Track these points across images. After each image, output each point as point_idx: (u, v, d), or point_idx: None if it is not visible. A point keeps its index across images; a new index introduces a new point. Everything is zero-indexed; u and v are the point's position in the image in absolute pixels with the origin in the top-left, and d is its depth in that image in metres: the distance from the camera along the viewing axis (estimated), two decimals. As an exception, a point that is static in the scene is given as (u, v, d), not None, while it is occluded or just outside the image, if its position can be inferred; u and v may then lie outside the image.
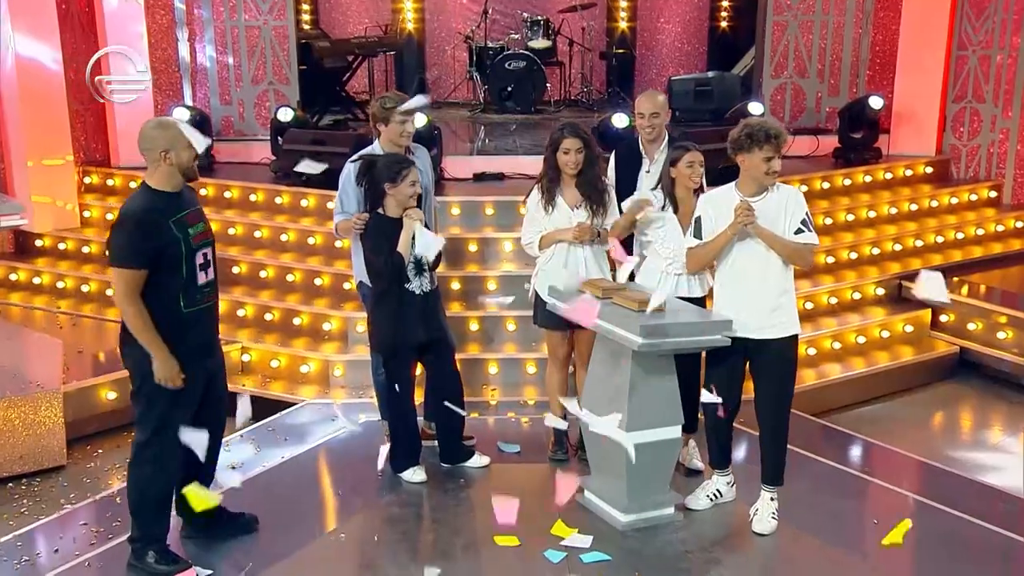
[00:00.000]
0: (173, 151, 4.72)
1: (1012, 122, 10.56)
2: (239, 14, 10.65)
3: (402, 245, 5.63)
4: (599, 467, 5.48)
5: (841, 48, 11.04)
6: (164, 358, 4.66)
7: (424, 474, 5.88)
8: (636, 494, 5.25)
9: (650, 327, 4.88)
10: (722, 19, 14.23)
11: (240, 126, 10.86)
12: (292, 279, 8.55)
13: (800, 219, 5.12)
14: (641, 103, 6.12)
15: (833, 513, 5.55)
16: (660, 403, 5.18)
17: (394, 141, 6.04)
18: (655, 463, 5.24)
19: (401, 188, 5.62)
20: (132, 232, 4.60)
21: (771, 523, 5.29)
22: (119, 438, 7.28)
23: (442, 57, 14.68)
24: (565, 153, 5.83)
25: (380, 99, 6.05)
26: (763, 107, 10.12)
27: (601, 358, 5.36)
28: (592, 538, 5.17)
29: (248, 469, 6.24)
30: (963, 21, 10.56)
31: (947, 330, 8.54)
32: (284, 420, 7.08)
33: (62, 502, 6.27)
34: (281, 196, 9.31)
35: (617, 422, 5.00)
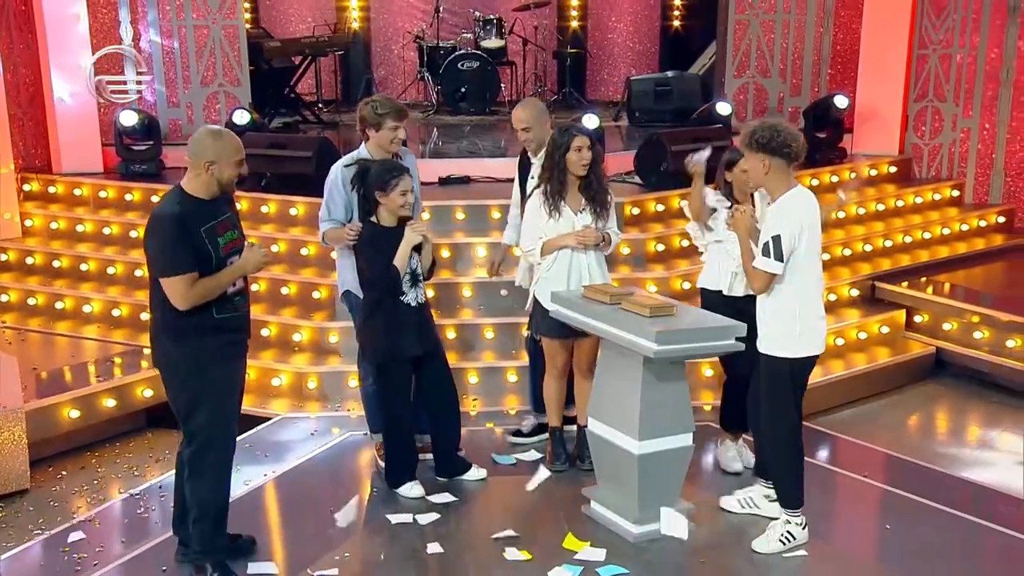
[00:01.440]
0: (218, 164, 4.72)
1: (972, 121, 10.80)
2: (186, 13, 10.44)
3: (400, 259, 5.55)
4: (606, 477, 5.45)
5: (802, 47, 11.19)
6: (241, 264, 4.79)
7: (421, 488, 5.80)
8: (647, 505, 5.23)
9: (665, 333, 4.87)
10: (675, 18, 14.34)
11: (189, 129, 10.61)
12: (256, 288, 8.37)
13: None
14: (513, 115, 6.31)
15: (848, 521, 5.59)
16: (671, 410, 5.18)
17: (383, 147, 5.96)
18: (666, 472, 5.23)
19: (392, 197, 5.55)
20: (167, 238, 4.62)
21: (775, 545, 5.21)
22: (81, 459, 7.11)
23: (389, 56, 14.58)
24: (578, 150, 5.77)
25: (371, 103, 5.95)
26: (730, 107, 10.21)
27: (609, 365, 5.33)
28: (606, 551, 5.14)
29: (233, 488, 6.07)
30: (923, 20, 10.78)
31: (922, 331, 8.68)
32: (261, 436, 6.95)
33: (31, 528, 6.07)
34: (240, 202, 9.07)
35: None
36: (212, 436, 4.88)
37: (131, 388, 7.43)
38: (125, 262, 8.93)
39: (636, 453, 5.10)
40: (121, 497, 6.14)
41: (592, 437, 5.46)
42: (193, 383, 4.81)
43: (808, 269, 5.07)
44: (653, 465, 5.15)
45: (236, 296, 4.89)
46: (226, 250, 4.78)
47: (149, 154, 9.94)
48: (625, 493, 5.27)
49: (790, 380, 5.13)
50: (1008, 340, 8.15)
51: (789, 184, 5.08)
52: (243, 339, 5.07)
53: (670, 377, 5.14)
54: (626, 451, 5.16)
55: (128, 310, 8.54)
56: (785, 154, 5.01)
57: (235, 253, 4.83)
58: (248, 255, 4.80)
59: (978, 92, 10.75)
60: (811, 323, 5.11)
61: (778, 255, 4.90)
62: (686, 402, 5.22)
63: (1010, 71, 10.61)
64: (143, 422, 7.63)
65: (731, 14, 11.03)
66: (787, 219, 4.99)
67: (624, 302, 5.22)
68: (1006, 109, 10.69)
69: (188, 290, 4.62)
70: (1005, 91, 10.66)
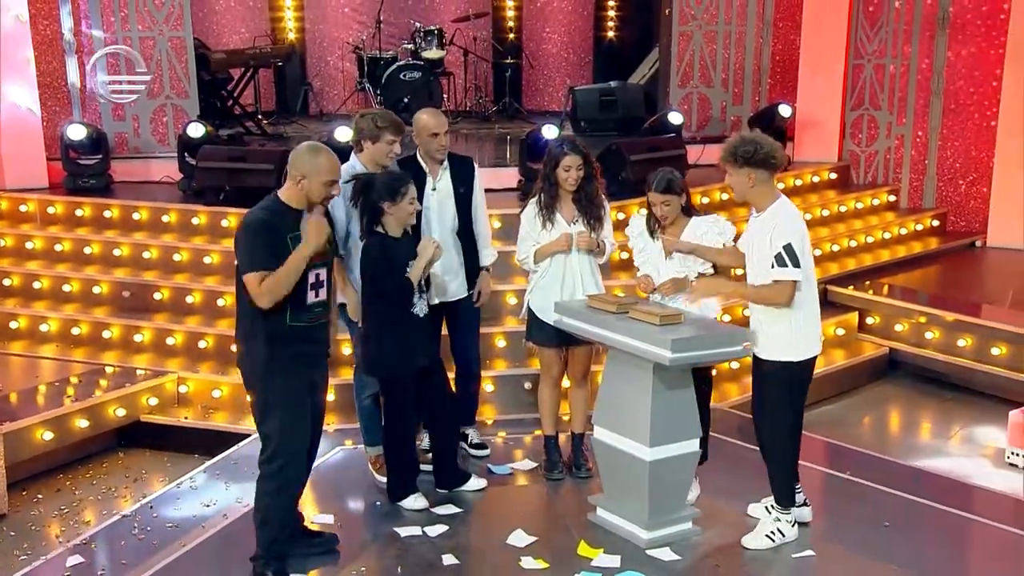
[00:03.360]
0: (308, 180, 4.78)
1: (906, 128, 11.18)
2: (132, 24, 10.23)
3: (416, 272, 5.54)
4: (614, 484, 5.50)
5: (743, 58, 11.44)
6: (309, 244, 4.76)
7: (425, 501, 5.79)
8: (657, 510, 5.30)
9: (680, 341, 4.95)
10: (609, 29, 14.53)
11: (136, 143, 10.43)
12: (223, 303, 8.27)
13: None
14: (433, 121, 6.08)
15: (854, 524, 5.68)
16: (680, 417, 5.26)
17: (378, 160, 5.92)
18: (675, 477, 5.32)
19: (402, 206, 5.52)
20: (254, 239, 4.78)
21: (763, 541, 5.33)
22: (55, 481, 6.96)
23: (325, 67, 14.45)
24: (566, 170, 5.90)
25: (371, 116, 5.93)
26: (682, 117, 10.38)
27: (616, 373, 5.39)
28: (620, 557, 5.19)
29: (226, 506, 6.03)
30: (858, 31, 11.12)
31: (874, 332, 8.95)
32: (244, 452, 6.81)
33: (16, 553, 5.92)
34: (198, 216, 8.98)
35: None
36: (281, 444, 4.95)
37: (103, 408, 7.28)
38: (81, 279, 8.73)
39: (648, 460, 5.18)
40: (113, 519, 5.98)
41: (599, 445, 5.51)
42: (264, 388, 4.92)
43: (808, 268, 5.20)
44: (663, 471, 5.23)
45: (316, 306, 4.93)
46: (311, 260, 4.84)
47: (97, 168, 9.73)
48: (635, 499, 5.33)
49: (792, 383, 5.26)
50: (959, 340, 8.45)
51: (775, 194, 5.22)
52: (317, 351, 5.07)
53: (678, 384, 5.23)
54: (637, 458, 5.23)
55: (88, 328, 8.33)
56: (771, 165, 5.14)
57: (321, 265, 4.92)
58: (307, 228, 4.78)
59: (911, 101, 11.13)
60: (810, 324, 5.25)
61: (795, 262, 5.01)
62: (693, 407, 5.31)
63: (940, 80, 11.01)
64: (114, 442, 7.48)
65: (675, 26, 11.23)
66: (790, 226, 5.12)
67: (632, 311, 5.29)
68: (937, 117, 11.09)
69: (259, 285, 4.69)
70: (936, 100, 11.06)
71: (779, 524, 5.37)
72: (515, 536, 5.44)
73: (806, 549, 5.32)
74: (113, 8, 10.17)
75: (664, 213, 5.69)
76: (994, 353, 8.18)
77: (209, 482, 6.40)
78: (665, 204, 5.67)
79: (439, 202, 6.12)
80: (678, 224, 5.75)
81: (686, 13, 11.24)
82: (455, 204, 6.17)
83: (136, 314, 8.36)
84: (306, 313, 4.89)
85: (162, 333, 8.11)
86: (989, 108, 10.90)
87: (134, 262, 8.84)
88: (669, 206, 5.67)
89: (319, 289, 4.93)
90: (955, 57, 10.97)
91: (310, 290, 4.88)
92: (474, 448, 6.58)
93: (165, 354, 8.04)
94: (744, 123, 11.06)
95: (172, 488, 6.34)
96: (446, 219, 6.14)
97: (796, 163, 10.93)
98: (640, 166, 8.82)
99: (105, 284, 8.64)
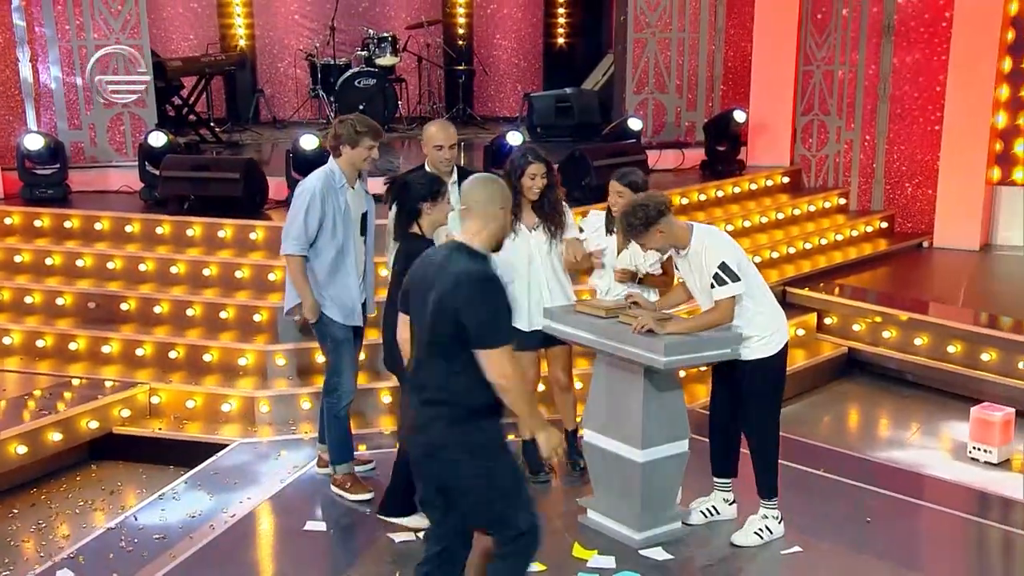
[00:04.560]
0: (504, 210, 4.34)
1: (854, 133, 11.44)
2: (87, 33, 10.10)
3: None
4: (604, 486, 5.58)
5: (697, 64, 11.62)
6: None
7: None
8: (649, 510, 5.39)
9: (672, 344, 5.04)
10: (559, 36, 14.66)
11: (92, 152, 10.29)
12: (192, 313, 8.21)
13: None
14: (440, 134, 6.01)
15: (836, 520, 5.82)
16: (669, 418, 5.35)
17: (356, 165, 5.98)
18: (666, 478, 5.41)
19: (440, 206, 5.50)
20: (501, 302, 4.09)
21: (752, 538, 5.48)
22: (29, 496, 6.86)
23: (275, 74, 14.39)
24: (531, 178, 5.97)
25: (350, 122, 5.94)
26: (641, 123, 10.52)
27: (605, 377, 5.47)
28: (614, 558, 5.27)
29: (211, 517, 6.00)
30: (808, 39, 11.35)
31: (832, 332, 9.15)
32: (223, 463, 6.81)
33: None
34: (162, 226, 8.89)
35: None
36: (533, 524, 4.30)
37: (76, 420, 7.19)
38: (43, 291, 8.59)
39: (640, 461, 5.26)
40: (99, 531, 5.93)
41: (589, 448, 5.59)
42: (504, 471, 4.20)
43: (751, 273, 5.38)
44: (654, 472, 5.32)
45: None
46: None
47: (55, 178, 9.58)
48: (626, 501, 5.42)
49: (769, 376, 5.44)
50: (915, 338, 8.67)
51: (687, 228, 5.34)
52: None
53: (668, 386, 5.32)
54: (629, 460, 5.31)
55: (53, 340, 8.20)
56: (663, 212, 5.21)
57: None
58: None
59: (859, 106, 11.38)
60: (776, 319, 5.45)
61: (732, 277, 5.17)
62: (682, 409, 5.41)
63: (887, 86, 11.28)
64: (86, 455, 7.38)
65: (629, 33, 11.37)
66: (717, 247, 5.27)
67: (621, 315, 5.37)
68: (884, 121, 11.36)
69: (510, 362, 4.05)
70: (883, 105, 11.33)
71: (767, 521, 5.52)
72: (509, 540, 5.48)
73: (794, 545, 5.45)
74: (68, 17, 10.04)
75: (615, 203, 5.86)
76: (950, 351, 8.41)
77: (191, 493, 6.37)
78: (619, 195, 5.83)
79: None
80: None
81: (640, 20, 11.40)
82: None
83: (103, 325, 8.26)
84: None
85: (131, 344, 8.02)
86: (933, 113, 11.19)
87: (98, 273, 8.73)
88: (622, 198, 5.78)
89: None
90: (900, 63, 11.25)
91: None
92: None
93: (135, 365, 7.95)
94: (699, 129, 11.24)
95: (155, 499, 6.29)
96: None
97: (750, 168, 11.13)
98: (603, 171, 8.89)
99: (69, 295, 8.51)
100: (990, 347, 8.19)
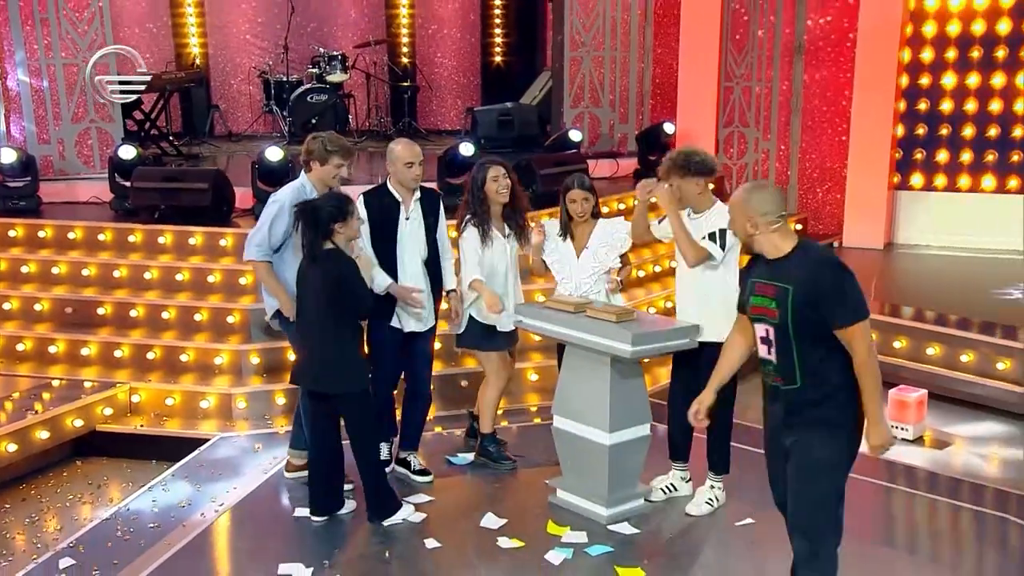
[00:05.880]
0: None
1: (771, 143, 11.70)
2: (55, 52, 9.90)
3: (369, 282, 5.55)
4: (573, 467, 5.65)
5: (628, 81, 11.78)
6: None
7: (412, 506, 5.70)
8: (616, 489, 5.48)
9: (639, 335, 5.14)
10: (496, 54, 14.75)
11: (62, 165, 10.08)
12: (167, 316, 8.10)
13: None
14: (408, 152, 5.80)
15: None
16: (634, 404, 5.45)
17: (326, 181, 5.82)
18: (631, 459, 5.50)
19: (351, 223, 5.38)
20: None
21: (704, 507, 5.62)
22: (18, 492, 6.73)
23: (228, 91, 14.23)
24: (495, 180, 5.99)
25: (321, 139, 5.79)
26: (581, 134, 10.63)
27: (575, 367, 5.54)
28: (586, 533, 5.35)
29: (201, 506, 5.94)
30: (728, 58, 11.57)
31: (758, 324, 9.33)
32: (206, 456, 6.74)
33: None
34: (134, 234, 8.75)
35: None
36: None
37: (61, 419, 7.05)
38: (20, 297, 8.40)
39: (607, 444, 5.35)
40: (93, 523, 5.83)
41: (559, 433, 5.65)
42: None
43: (733, 259, 5.52)
44: (620, 454, 5.41)
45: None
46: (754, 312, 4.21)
47: (27, 190, 9.36)
48: (594, 480, 5.49)
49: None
50: (834, 329, 8.89)
51: (713, 199, 5.52)
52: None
53: (632, 374, 5.42)
54: (597, 443, 5.39)
55: (32, 344, 8.03)
56: (712, 174, 5.47)
57: (762, 320, 4.16)
58: None
59: (774, 118, 11.65)
60: (733, 308, 5.53)
61: (722, 244, 5.37)
62: (644, 395, 5.51)
63: (799, 100, 11.57)
64: (70, 452, 7.24)
65: (566, 52, 11.50)
66: (726, 218, 5.36)
67: (588, 310, 5.46)
68: (797, 133, 11.65)
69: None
70: (795, 118, 11.61)
71: (714, 491, 5.70)
72: (487, 519, 5.54)
73: (747, 517, 5.58)
74: (36, 36, 9.84)
75: (584, 209, 5.91)
76: (866, 339, 8.64)
77: (179, 484, 6.29)
78: (585, 200, 5.91)
79: (411, 232, 5.88)
80: (588, 224, 5.98)
81: (576, 40, 11.53)
82: (425, 234, 5.96)
83: (80, 329, 8.10)
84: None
85: (109, 346, 7.89)
86: (840, 125, 11.51)
87: (72, 279, 8.55)
88: (588, 202, 5.90)
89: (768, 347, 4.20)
90: (810, 80, 11.54)
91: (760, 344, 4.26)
92: (417, 475, 6.16)
93: (113, 366, 7.82)
94: (631, 139, 11.39)
95: (145, 491, 6.20)
96: (418, 249, 5.90)
97: (678, 175, 11.27)
98: (549, 179, 9.02)
99: (45, 301, 8.34)
100: (900, 335, 8.44)
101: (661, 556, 5.18)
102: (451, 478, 6.20)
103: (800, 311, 3.97)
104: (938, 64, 11.23)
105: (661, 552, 5.23)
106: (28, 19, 9.85)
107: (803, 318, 3.97)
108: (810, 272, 3.99)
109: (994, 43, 10.96)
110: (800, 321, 3.98)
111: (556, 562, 5.09)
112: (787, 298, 3.98)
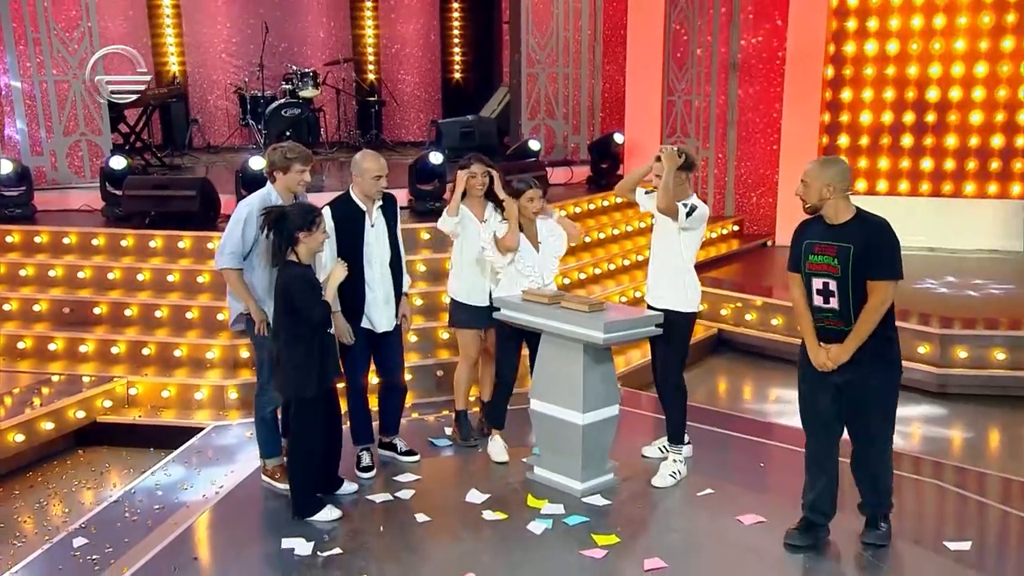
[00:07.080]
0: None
1: (710, 152, 11.89)
2: (47, 70, 9.76)
3: (331, 293, 5.28)
4: (548, 446, 5.73)
5: (579, 95, 11.90)
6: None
7: (338, 510, 5.40)
8: (588, 465, 5.57)
9: (611, 323, 5.24)
10: (455, 71, 14.80)
11: (54, 175, 9.94)
12: (160, 315, 8.04)
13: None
14: (375, 165, 5.68)
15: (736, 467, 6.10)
16: (604, 387, 5.54)
17: (290, 188, 5.63)
18: (601, 437, 5.60)
19: (315, 235, 5.17)
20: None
21: (668, 479, 5.74)
22: (26, 479, 6.65)
23: (205, 106, 14.11)
24: (473, 176, 6.13)
25: (280, 149, 5.60)
26: (539, 143, 10.72)
27: (550, 354, 5.61)
28: (563, 505, 5.43)
29: (203, 489, 5.93)
30: (670, 74, 11.74)
31: (703, 316, 9.47)
32: (204, 442, 6.71)
33: (12, 542, 5.66)
34: (126, 239, 8.67)
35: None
36: None
37: (64, 411, 6.98)
38: (19, 298, 8.29)
39: (581, 424, 5.44)
40: (103, 505, 5.78)
41: (536, 415, 5.72)
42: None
43: (695, 240, 5.81)
44: (592, 432, 5.50)
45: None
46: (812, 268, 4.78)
47: (22, 199, 9.23)
48: (569, 457, 5.57)
49: (685, 331, 5.80)
50: (771, 319, 9.10)
51: (689, 190, 5.83)
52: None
53: (603, 359, 5.51)
54: (571, 423, 5.48)
55: (32, 342, 7.93)
56: (692, 170, 5.81)
57: (821, 275, 4.72)
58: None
59: (712, 129, 11.84)
60: (695, 285, 5.83)
61: (688, 214, 5.59)
62: (614, 379, 5.61)
63: (734, 113, 11.78)
64: (72, 442, 7.16)
65: (523, 69, 11.59)
66: (702, 207, 5.71)
67: (562, 302, 5.54)
68: (733, 142, 11.85)
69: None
70: (731, 129, 11.82)
71: (676, 465, 5.82)
72: (471, 495, 5.59)
73: (707, 488, 5.70)
74: (29, 55, 9.70)
75: (537, 207, 6.06)
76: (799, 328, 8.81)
77: (180, 469, 6.26)
78: (540, 199, 6.09)
79: (377, 238, 5.77)
80: (534, 221, 6.15)
81: (532, 58, 11.63)
82: (388, 238, 5.88)
83: (78, 327, 8.02)
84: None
85: (105, 343, 7.81)
86: (772, 135, 11.73)
87: (68, 282, 8.46)
88: (541, 200, 6.09)
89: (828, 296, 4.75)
90: (744, 94, 11.76)
91: (815, 295, 4.80)
92: (404, 455, 6.15)
93: (110, 361, 7.74)
94: (584, 149, 11.51)
95: (148, 476, 6.17)
96: (384, 253, 5.82)
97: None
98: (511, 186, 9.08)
99: (44, 302, 8.24)
100: (832, 324, 8.63)
101: (633, 524, 5.28)
102: (435, 459, 6.24)
103: (858, 266, 4.54)
104: (857, 80, 11.50)
105: (633, 520, 5.33)
106: (21, 39, 9.70)
107: (860, 272, 4.55)
108: (870, 232, 4.59)
109: (907, 61, 11.27)
110: (857, 274, 4.55)
111: (538, 532, 5.16)
112: (848, 255, 4.56)
